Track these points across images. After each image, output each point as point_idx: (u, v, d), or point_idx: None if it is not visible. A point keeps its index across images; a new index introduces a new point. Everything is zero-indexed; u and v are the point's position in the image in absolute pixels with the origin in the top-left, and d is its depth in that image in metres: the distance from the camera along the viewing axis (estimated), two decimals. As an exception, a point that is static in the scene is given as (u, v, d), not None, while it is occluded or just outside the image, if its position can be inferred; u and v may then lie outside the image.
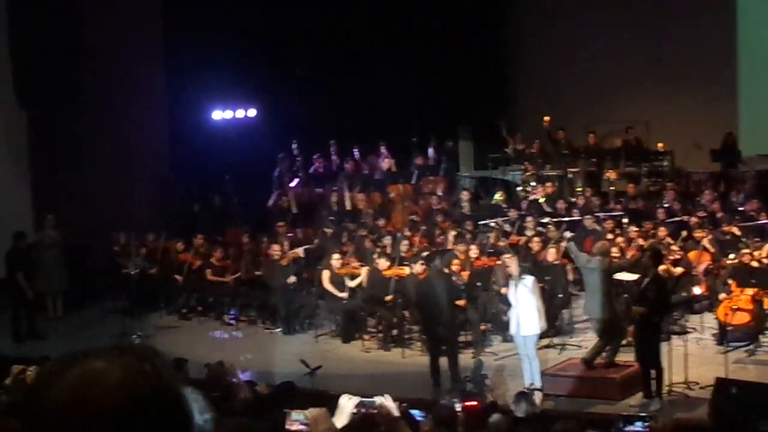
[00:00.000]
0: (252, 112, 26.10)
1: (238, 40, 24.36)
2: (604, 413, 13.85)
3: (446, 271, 17.12)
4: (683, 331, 16.98)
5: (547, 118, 26.11)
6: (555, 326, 17.90)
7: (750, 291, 17.27)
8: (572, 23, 29.11)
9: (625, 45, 28.37)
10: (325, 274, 19.43)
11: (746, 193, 23.93)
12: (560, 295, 18.06)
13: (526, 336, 15.37)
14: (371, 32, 25.92)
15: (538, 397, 14.55)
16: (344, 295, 19.18)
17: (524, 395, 11.88)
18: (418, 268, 17.36)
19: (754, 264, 17.87)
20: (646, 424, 11.44)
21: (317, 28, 25.49)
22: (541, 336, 16.78)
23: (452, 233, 20.54)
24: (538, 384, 15.18)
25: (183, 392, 2.52)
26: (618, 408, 14.56)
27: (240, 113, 26.07)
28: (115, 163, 24.31)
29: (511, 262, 15.75)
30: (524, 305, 15.35)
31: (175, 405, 2.51)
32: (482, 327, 17.91)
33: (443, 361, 15.94)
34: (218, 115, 25.98)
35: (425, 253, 18.46)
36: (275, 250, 20.58)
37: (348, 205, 24.11)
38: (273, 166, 25.01)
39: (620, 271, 16.72)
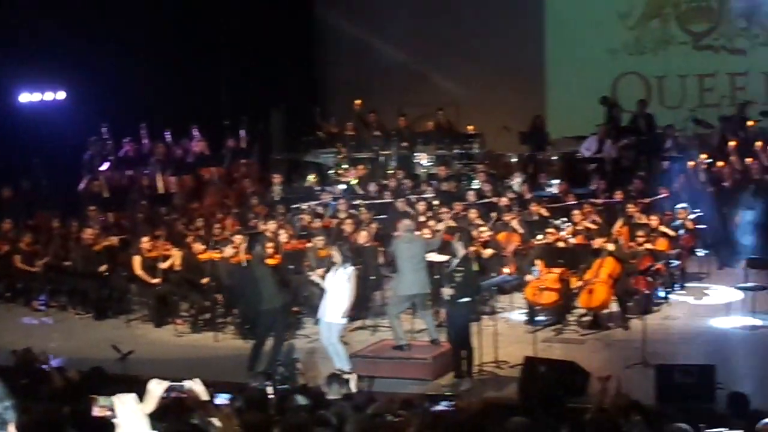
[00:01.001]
0: (61, 95, 25.50)
1: (46, 21, 23.78)
2: (416, 394, 13.98)
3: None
4: (493, 311, 17.31)
5: (358, 102, 26.25)
6: (367, 308, 18.05)
7: (557, 271, 17.68)
8: (382, 7, 29.30)
9: (434, 28, 28.70)
10: (136, 260, 19.17)
11: (554, 175, 24.51)
12: (372, 277, 18.18)
13: (331, 323, 15.41)
14: (182, 15, 25.59)
15: (353, 379, 14.63)
16: (157, 281, 18.95)
17: (336, 377, 11.91)
18: (230, 251, 17.35)
19: (561, 244, 18.29)
20: (452, 403, 11.60)
21: (126, 8, 25.03)
22: (355, 317, 16.95)
23: (266, 217, 20.49)
24: (346, 368, 15.27)
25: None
26: (429, 388, 14.75)
27: (49, 96, 25.46)
28: None
29: (335, 250, 15.76)
30: (336, 292, 15.40)
31: None
32: (294, 309, 17.90)
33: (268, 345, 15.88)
34: (26, 97, 25.33)
35: (237, 237, 18.40)
36: (88, 234, 20.27)
37: (160, 189, 23.86)
38: (83, 150, 24.58)
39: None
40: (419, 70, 28.64)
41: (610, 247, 17.65)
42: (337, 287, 15.36)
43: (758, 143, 22.84)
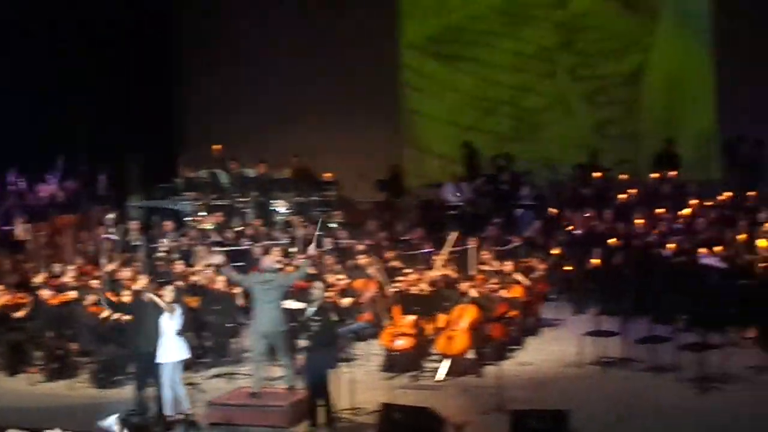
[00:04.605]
0: None
1: None
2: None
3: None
4: (350, 359, 17.36)
5: (216, 147, 26.16)
6: (224, 355, 17.96)
7: (412, 318, 17.82)
8: (243, 55, 29.36)
9: (295, 76, 28.83)
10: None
11: (411, 222, 24.77)
12: (229, 324, 18.11)
13: (174, 362, 15.33)
14: (39, 57, 25.32)
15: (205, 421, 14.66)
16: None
17: (185, 421, 11.83)
18: (92, 298, 17.21)
19: (417, 291, 18.44)
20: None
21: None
22: (212, 365, 16.89)
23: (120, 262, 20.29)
24: (186, 408, 15.20)
25: None
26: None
27: None
28: None
29: (166, 291, 15.66)
30: (168, 332, 15.32)
31: None
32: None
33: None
34: None
35: (94, 282, 18.19)
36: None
37: (17, 236, 23.44)
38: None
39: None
40: (279, 117, 28.72)
41: (473, 293, 17.87)
42: (172, 328, 15.31)
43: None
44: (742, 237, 20.00)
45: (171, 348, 15.32)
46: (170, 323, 15.36)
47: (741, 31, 26.01)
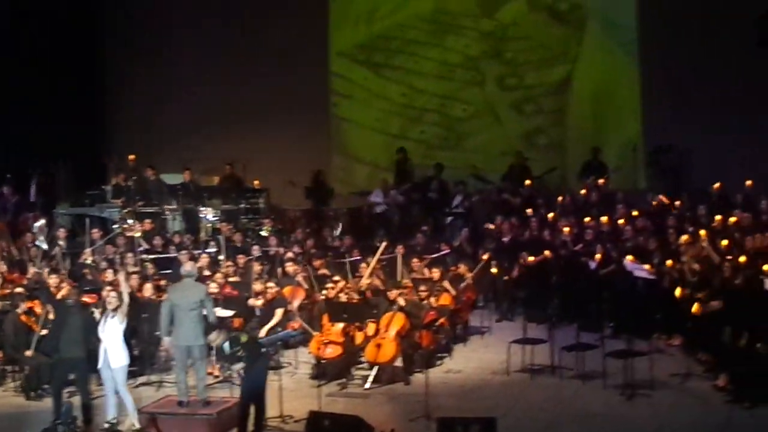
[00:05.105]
0: None
1: None
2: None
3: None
4: (278, 366, 17.33)
5: (131, 157, 26.03)
6: (152, 363, 17.86)
7: (341, 326, 17.84)
8: (173, 62, 29.24)
9: (225, 83, 28.74)
10: None
11: (339, 229, 24.78)
12: (157, 332, 17.99)
13: (116, 368, 15.24)
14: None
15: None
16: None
17: (109, 430, 11.77)
18: (23, 307, 17.21)
19: (345, 299, 18.46)
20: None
21: None
22: (140, 373, 16.78)
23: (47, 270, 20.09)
24: (135, 420, 15.12)
25: None
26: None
27: None
28: None
29: (108, 295, 15.57)
30: (112, 338, 15.24)
31: None
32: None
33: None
34: None
35: (19, 290, 18.03)
36: None
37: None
38: None
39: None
40: (208, 125, 28.63)
41: (401, 301, 17.92)
42: (112, 334, 15.21)
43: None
44: (667, 245, 20.20)
45: (117, 353, 15.23)
46: (117, 329, 15.26)
47: (666, 42, 26.32)
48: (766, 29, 24.25)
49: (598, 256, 20.73)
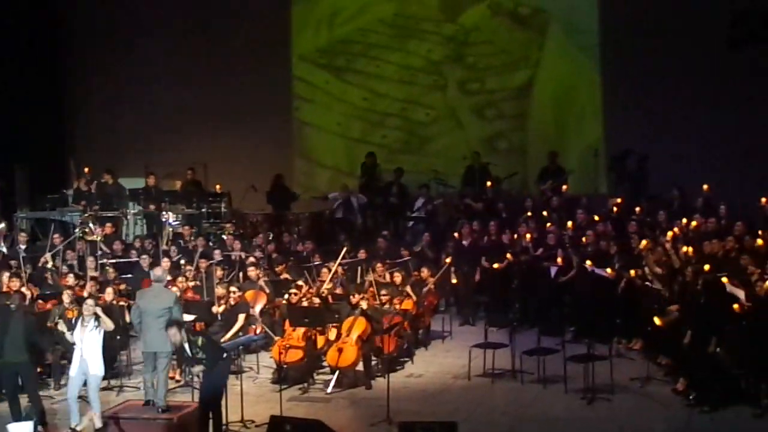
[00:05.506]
0: None
1: None
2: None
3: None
4: (239, 371, 17.30)
5: (87, 169, 25.95)
6: (113, 368, 17.80)
7: (302, 330, 17.83)
8: (134, 64, 29.16)
9: (187, 87, 28.70)
10: None
11: (301, 234, 24.80)
12: (118, 337, 17.95)
13: (92, 375, 15.23)
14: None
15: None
16: None
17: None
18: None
19: (307, 303, 18.45)
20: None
21: None
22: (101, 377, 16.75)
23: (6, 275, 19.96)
24: (99, 425, 15.10)
25: None
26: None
27: None
28: None
29: (86, 303, 15.56)
30: (91, 347, 15.23)
31: None
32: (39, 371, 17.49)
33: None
34: None
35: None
36: None
37: None
38: None
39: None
40: (170, 128, 28.59)
41: (363, 305, 17.94)
42: (91, 342, 15.22)
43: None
44: (629, 250, 20.27)
45: (95, 362, 15.26)
46: (97, 338, 15.28)
47: (628, 47, 26.43)
48: (738, 32, 24.41)
49: (559, 260, 20.80)
